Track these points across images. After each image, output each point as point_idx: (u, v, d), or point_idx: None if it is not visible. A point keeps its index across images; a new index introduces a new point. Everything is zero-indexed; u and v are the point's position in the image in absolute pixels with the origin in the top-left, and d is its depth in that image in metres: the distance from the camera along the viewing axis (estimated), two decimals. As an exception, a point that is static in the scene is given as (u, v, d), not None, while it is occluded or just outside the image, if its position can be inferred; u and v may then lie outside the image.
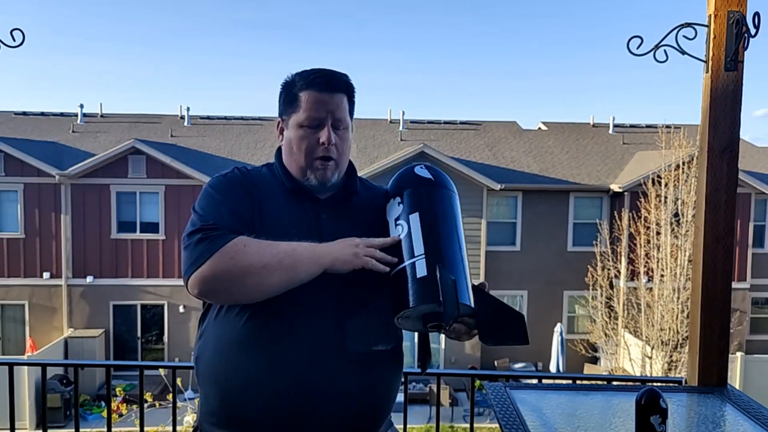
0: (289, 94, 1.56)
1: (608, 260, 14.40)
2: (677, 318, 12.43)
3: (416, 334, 1.56)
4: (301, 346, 1.46)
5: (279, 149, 1.64)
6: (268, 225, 1.50)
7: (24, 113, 19.76)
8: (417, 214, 1.46)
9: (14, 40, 2.24)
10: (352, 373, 1.49)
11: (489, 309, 1.43)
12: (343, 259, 1.42)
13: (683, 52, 2.11)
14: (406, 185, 1.52)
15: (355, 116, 1.64)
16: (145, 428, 2.82)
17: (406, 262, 1.41)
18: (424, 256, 1.39)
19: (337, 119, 1.54)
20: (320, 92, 1.52)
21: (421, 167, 1.56)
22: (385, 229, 1.52)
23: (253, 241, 1.42)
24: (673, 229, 13.22)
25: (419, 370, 1.59)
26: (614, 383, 2.62)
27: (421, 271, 1.38)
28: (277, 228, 1.49)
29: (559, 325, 13.46)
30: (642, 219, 13.71)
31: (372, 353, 1.47)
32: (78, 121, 18.87)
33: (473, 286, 1.44)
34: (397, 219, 1.49)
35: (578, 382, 2.64)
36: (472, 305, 1.39)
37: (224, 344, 1.50)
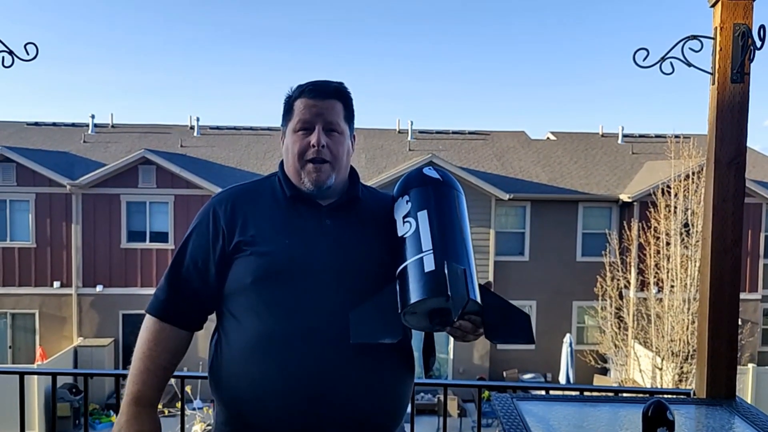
0: (286, 106, 1.64)
1: (618, 270, 14.31)
2: (688, 329, 12.32)
3: (422, 336, 1.56)
4: (312, 351, 1.48)
5: (282, 160, 1.69)
6: (267, 236, 1.54)
7: (36, 124, 19.95)
8: (425, 211, 1.49)
9: (28, 54, 2.28)
10: (363, 378, 1.50)
11: (495, 307, 1.45)
12: (115, 424, 1.59)
13: (689, 65, 2.12)
14: (414, 184, 1.56)
15: (363, 126, 1.67)
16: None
17: (414, 258, 1.43)
18: (432, 251, 1.42)
19: (329, 122, 1.58)
20: (311, 98, 1.58)
21: (429, 168, 1.61)
22: (392, 231, 1.54)
23: (145, 332, 1.63)
24: (683, 240, 13.14)
25: (425, 380, 1.60)
26: (622, 395, 2.61)
27: (429, 265, 1.40)
28: (275, 238, 1.53)
29: (568, 335, 13.38)
30: (652, 229, 13.64)
31: (381, 356, 1.49)
32: (89, 132, 19.03)
33: (479, 284, 1.46)
34: (405, 216, 1.52)
35: (586, 393, 2.63)
36: (479, 301, 1.41)
37: (236, 353, 1.52)
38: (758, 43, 2.01)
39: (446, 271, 1.37)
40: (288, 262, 1.51)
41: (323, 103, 1.58)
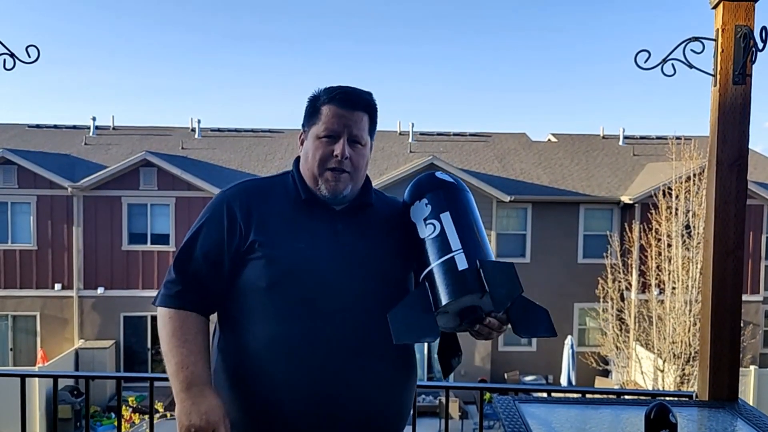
0: (312, 107, 1.61)
1: (619, 272, 14.30)
2: (689, 331, 12.31)
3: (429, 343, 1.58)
4: (320, 354, 1.48)
5: (297, 159, 1.68)
6: (280, 239, 1.53)
7: (37, 126, 19.97)
8: (448, 213, 1.52)
9: (29, 56, 2.28)
10: (373, 380, 1.51)
11: (518, 303, 1.48)
12: (178, 414, 1.47)
13: (691, 66, 2.12)
14: (430, 188, 1.59)
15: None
16: (155, 440, 2.83)
17: (443, 258, 1.45)
18: (462, 250, 1.44)
19: (354, 135, 1.57)
20: (340, 107, 1.56)
21: (441, 173, 1.65)
22: (408, 234, 1.56)
23: (169, 324, 1.52)
24: (684, 241, 13.13)
25: (427, 382, 1.61)
26: (624, 397, 2.60)
27: (462, 264, 1.42)
28: (288, 241, 1.53)
29: (569, 337, 13.36)
30: (653, 231, 13.63)
31: (388, 358, 1.51)
32: (90, 134, 19.05)
33: None
34: (426, 219, 1.53)
35: (588, 395, 2.63)
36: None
37: (244, 357, 1.53)
38: (760, 45, 2.01)
39: (480, 268, 1.40)
40: (300, 267, 1.51)
41: (352, 114, 1.57)
